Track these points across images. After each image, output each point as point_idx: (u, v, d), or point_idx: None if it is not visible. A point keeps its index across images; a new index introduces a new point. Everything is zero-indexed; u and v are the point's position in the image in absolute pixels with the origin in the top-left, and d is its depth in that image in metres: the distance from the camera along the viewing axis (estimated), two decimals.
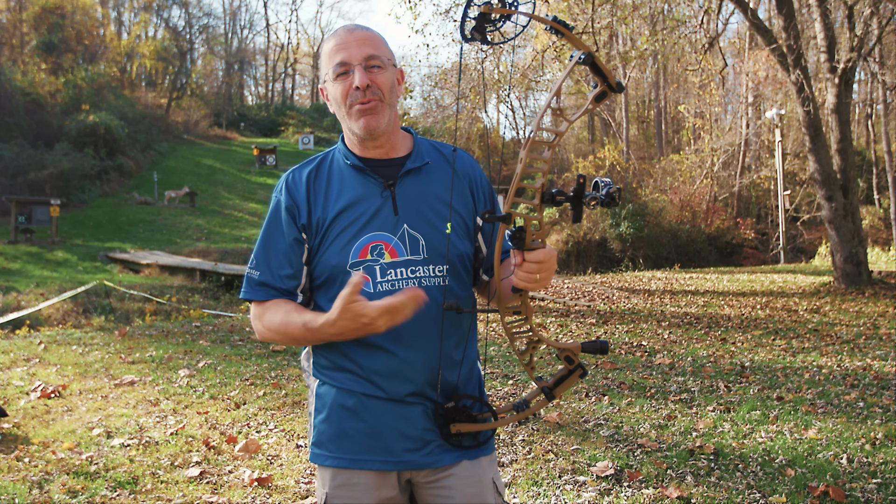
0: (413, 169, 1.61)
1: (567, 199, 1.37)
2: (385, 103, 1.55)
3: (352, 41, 1.55)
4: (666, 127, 36.23)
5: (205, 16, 59.60)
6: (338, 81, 1.55)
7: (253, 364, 6.24)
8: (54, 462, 3.74)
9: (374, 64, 1.54)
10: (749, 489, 3.39)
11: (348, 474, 1.56)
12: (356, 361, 1.55)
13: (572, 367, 1.52)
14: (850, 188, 11.48)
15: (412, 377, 1.54)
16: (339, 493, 1.56)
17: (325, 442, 1.58)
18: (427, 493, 1.61)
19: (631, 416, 4.60)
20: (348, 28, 1.59)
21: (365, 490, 1.55)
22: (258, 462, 3.82)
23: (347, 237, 1.55)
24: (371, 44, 1.55)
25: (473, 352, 1.68)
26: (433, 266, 1.56)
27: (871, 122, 30.43)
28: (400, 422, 1.54)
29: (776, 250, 23.45)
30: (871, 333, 7.73)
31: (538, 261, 1.41)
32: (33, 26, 36.75)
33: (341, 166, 1.62)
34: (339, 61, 1.54)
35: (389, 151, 1.62)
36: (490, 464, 1.64)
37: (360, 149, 1.61)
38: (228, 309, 13.42)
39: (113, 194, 30.49)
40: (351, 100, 1.54)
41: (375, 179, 1.58)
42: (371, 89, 1.53)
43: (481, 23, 1.33)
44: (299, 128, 47.18)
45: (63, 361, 6.39)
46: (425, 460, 1.56)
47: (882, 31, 12.17)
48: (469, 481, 1.59)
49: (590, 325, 8.46)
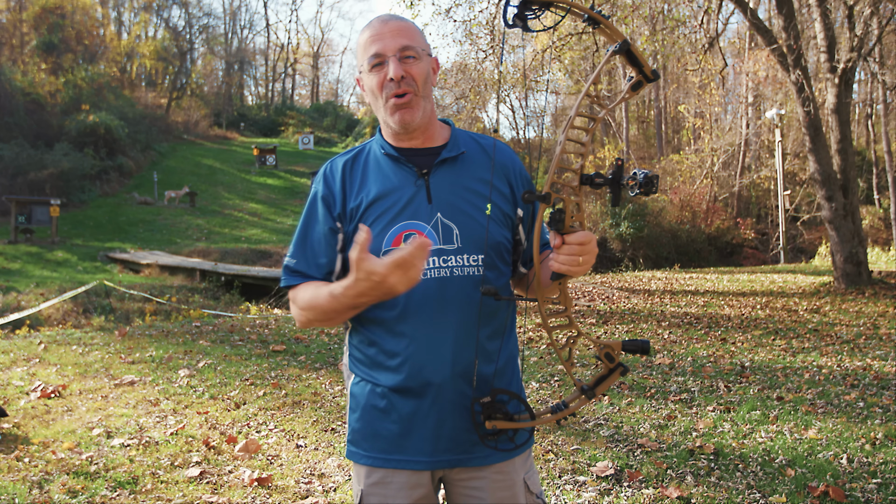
0: (448, 158, 1.61)
1: (606, 182, 1.35)
2: (419, 95, 1.56)
3: (386, 32, 1.55)
4: (666, 127, 36.24)
5: (205, 16, 59.65)
6: (373, 72, 1.56)
7: (253, 364, 6.24)
8: (54, 462, 3.74)
9: (408, 55, 1.54)
10: (749, 489, 3.39)
11: (382, 473, 1.57)
12: (385, 349, 1.55)
13: (612, 366, 1.46)
14: (850, 188, 11.48)
15: (440, 367, 1.52)
16: (373, 491, 1.58)
17: (359, 440, 1.60)
18: (457, 493, 1.61)
19: (631, 416, 4.60)
20: (383, 19, 1.59)
21: (398, 489, 1.56)
22: (258, 462, 3.82)
23: (381, 225, 1.55)
24: (405, 34, 1.56)
25: (511, 346, 1.65)
26: (467, 255, 1.55)
27: (871, 122, 30.44)
28: (432, 419, 1.53)
29: (776, 250, 23.45)
30: (871, 333, 7.73)
31: (580, 242, 1.37)
32: (33, 26, 36.75)
33: (378, 156, 1.64)
34: (374, 52, 1.54)
35: (426, 141, 1.63)
36: (523, 463, 1.63)
37: (396, 140, 1.63)
38: (228, 309, 13.42)
39: (113, 194, 30.50)
40: (386, 91, 1.55)
41: (409, 168, 1.59)
42: (406, 80, 1.54)
43: (523, 10, 1.33)
44: (299, 128, 47.20)
45: (63, 361, 6.39)
46: (458, 458, 1.56)
47: (882, 31, 12.17)
48: (501, 484, 1.58)
49: (590, 325, 8.46)
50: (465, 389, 1.53)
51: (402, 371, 1.53)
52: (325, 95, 62.44)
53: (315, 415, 4.70)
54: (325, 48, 63.39)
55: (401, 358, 1.53)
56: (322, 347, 7.08)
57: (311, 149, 42.19)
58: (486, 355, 1.56)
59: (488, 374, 1.56)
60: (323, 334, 7.90)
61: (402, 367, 1.53)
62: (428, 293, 1.52)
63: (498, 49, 12.53)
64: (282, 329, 8.27)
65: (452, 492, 1.62)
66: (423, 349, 1.52)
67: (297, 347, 7.05)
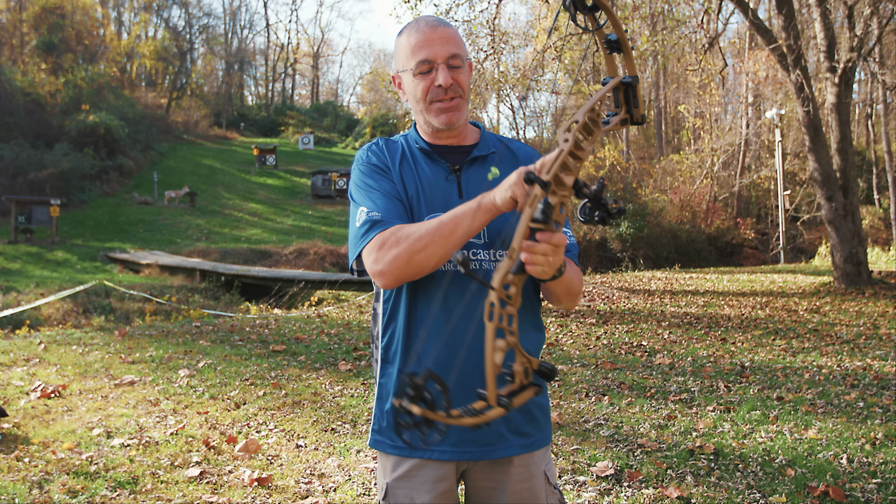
0: (480, 157, 1.68)
1: (588, 196, 1.32)
2: (464, 99, 1.63)
3: (436, 39, 1.59)
4: (666, 127, 36.22)
5: (205, 16, 59.66)
6: (419, 77, 1.60)
7: (253, 364, 6.24)
8: (54, 462, 3.74)
9: (456, 64, 1.60)
10: (749, 489, 3.39)
11: (408, 466, 1.60)
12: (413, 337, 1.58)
13: (527, 383, 1.32)
14: (850, 188, 11.48)
15: (461, 359, 1.54)
16: (399, 485, 1.61)
17: (385, 429, 1.63)
18: (477, 486, 1.64)
19: (631, 416, 4.60)
20: (431, 24, 1.62)
21: (423, 482, 1.58)
22: (258, 462, 3.82)
23: (414, 215, 1.59)
24: (454, 42, 1.61)
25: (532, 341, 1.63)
26: (493, 251, 1.60)
27: (871, 122, 30.42)
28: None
29: (776, 250, 23.44)
30: (871, 333, 7.73)
31: (556, 244, 1.31)
32: (33, 26, 36.77)
33: (413, 149, 1.69)
34: (424, 58, 1.59)
35: (460, 140, 1.70)
36: (544, 455, 1.67)
37: (433, 137, 1.69)
38: (228, 309, 13.42)
39: (113, 194, 30.51)
40: (432, 96, 1.60)
41: (443, 164, 1.65)
42: (453, 87, 1.60)
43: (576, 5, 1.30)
44: (299, 128, 47.20)
45: (63, 361, 6.38)
46: (482, 451, 1.58)
47: (882, 31, 12.16)
48: (520, 477, 1.61)
49: (590, 325, 8.46)
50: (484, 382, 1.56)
51: (427, 361, 1.57)
52: (325, 95, 62.50)
53: (315, 415, 4.70)
54: (325, 48, 63.36)
55: (426, 347, 1.57)
56: (322, 347, 7.08)
57: (311, 149, 42.19)
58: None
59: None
60: (323, 334, 7.90)
61: (427, 357, 1.57)
62: (455, 285, 1.56)
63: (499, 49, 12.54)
64: (282, 329, 8.27)
65: (472, 485, 1.65)
66: (448, 339, 1.56)
67: (297, 347, 7.05)
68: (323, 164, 37.26)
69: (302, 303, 12.79)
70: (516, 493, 1.60)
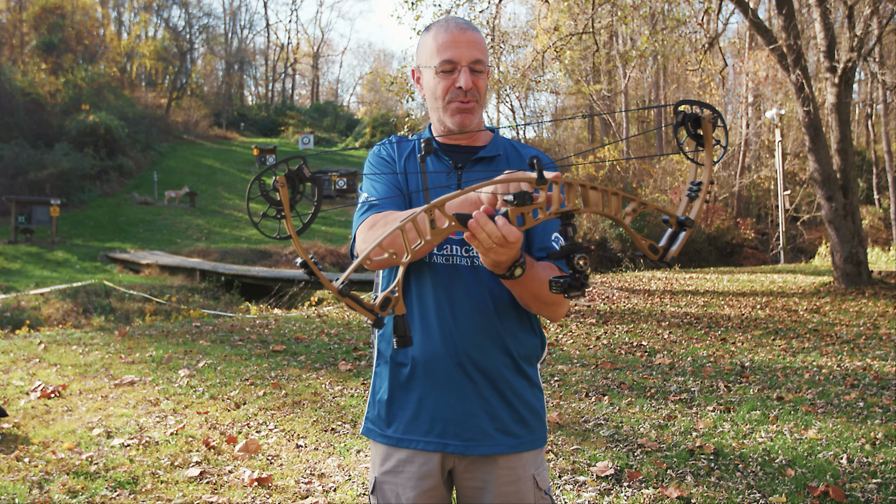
0: (485, 157, 1.71)
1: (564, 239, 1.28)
2: (480, 104, 1.67)
3: (463, 42, 1.62)
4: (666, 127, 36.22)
5: (205, 16, 59.64)
6: (441, 76, 1.64)
7: (253, 364, 6.24)
8: (54, 462, 3.74)
9: (478, 69, 1.64)
10: (749, 489, 3.39)
11: (394, 460, 1.63)
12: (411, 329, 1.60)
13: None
14: (850, 188, 11.48)
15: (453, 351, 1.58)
16: (386, 479, 1.65)
17: (375, 419, 1.68)
18: (464, 485, 1.65)
19: (631, 416, 4.60)
20: (461, 26, 1.65)
21: (408, 479, 1.61)
22: (258, 462, 3.82)
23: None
24: (479, 48, 1.65)
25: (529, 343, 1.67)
26: (466, 246, 1.62)
27: (871, 122, 30.43)
28: (443, 403, 1.59)
29: (776, 250, 23.45)
30: (871, 333, 7.73)
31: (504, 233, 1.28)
32: (33, 26, 36.75)
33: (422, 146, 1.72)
34: (448, 59, 1.62)
35: (471, 142, 1.74)
36: (534, 458, 1.66)
37: (445, 137, 1.73)
38: (228, 309, 13.42)
39: (113, 194, 30.51)
40: (450, 97, 1.64)
41: (446, 161, 1.70)
42: (471, 91, 1.63)
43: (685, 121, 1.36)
44: (299, 128, 47.19)
45: (63, 361, 6.38)
46: (465, 444, 1.60)
47: (882, 31, 12.17)
48: (506, 479, 1.61)
49: (590, 325, 8.46)
50: (474, 376, 1.60)
51: (422, 352, 1.60)
52: (325, 95, 62.47)
53: (315, 415, 4.70)
54: (325, 48, 63.35)
55: (421, 340, 1.60)
56: (322, 347, 7.08)
57: (311, 149, 42.15)
58: (500, 343, 1.62)
59: (487, 365, 1.61)
60: (323, 334, 7.90)
61: (421, 348, 1.60)
62: (454, 278, 1.60)
63: (498, 49, 12.54)
64: (282, 329, 8.27)
65: (460, 485, 1.66)
66: (442, 332, 1.59)
67: (297, 347, 7.05)
68: (323, 164, 37.26)
69: (302, 303, 12.80)
70: (502, 496, 1.60)
